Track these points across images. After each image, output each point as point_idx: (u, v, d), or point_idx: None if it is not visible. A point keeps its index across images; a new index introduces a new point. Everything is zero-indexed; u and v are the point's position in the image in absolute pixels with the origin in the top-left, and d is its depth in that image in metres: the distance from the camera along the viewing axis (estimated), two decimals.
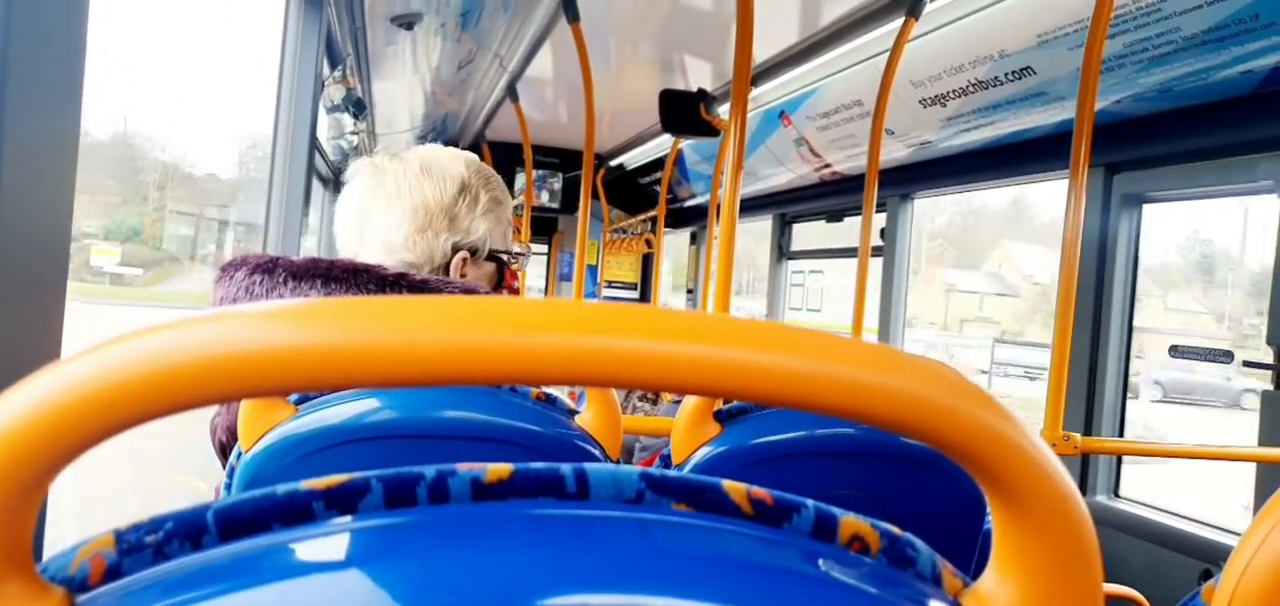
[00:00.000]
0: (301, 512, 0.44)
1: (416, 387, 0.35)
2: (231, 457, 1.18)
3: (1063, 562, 0.41)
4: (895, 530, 0.48)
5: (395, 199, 1.58)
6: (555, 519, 0.45)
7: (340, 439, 1.12)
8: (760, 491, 0.48)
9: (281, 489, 0.44)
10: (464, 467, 0.47)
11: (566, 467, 0.47)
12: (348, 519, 0.44)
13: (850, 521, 0.48)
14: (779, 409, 0.41)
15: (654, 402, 4.03)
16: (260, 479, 1.10)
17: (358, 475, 0.45)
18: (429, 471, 0.46)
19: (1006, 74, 3.30)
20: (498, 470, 0.47)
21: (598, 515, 0.46)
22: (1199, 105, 2.90)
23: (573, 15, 3.48)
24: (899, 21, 3.24)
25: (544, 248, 8.41)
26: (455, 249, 1.61)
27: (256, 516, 0.43)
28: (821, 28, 3.90)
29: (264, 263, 1.40)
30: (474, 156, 1.70)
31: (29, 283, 0.94)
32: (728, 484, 0.48)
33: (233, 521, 0.43)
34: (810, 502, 0.48)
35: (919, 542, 0.48)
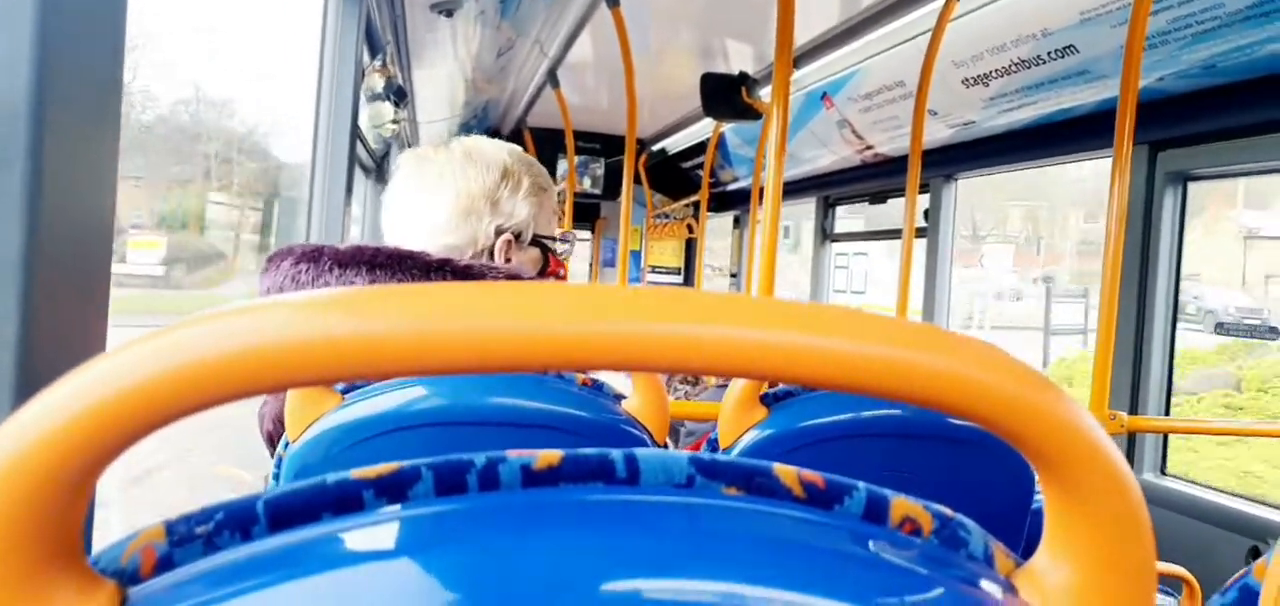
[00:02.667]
0: (351, 502, 0.44)
1: (467, 375, 0.34)
2: (279, 447, 1.18)
3: (1116, 543, 0.40)
4: (947, 511, 0.48)
5: (439, 185, 1.61)
6: (606, 504, 0.45)
7: (387, 427, 1.12)
8: (811, 474, 0.48)
9: (331, 478, 0.44)
10: (514, 454, 0.46)
11: (616, 453, 0.47)
12: (398, 507, 0.44)
13: (901, 503, 0.48)
14: (826, 391, 0.40)
15: (694, 384, 4.03)
16: (308, 468, 1.10)
17: (407, 463, 0.45)
18: (479, 458, 0.46)
19: (1049, 52, 3.27)
20: (547, 456, 0.47)
21: (648, 500, 0.46)
22: (1243, 81, 2.86)
23: (613, 0, 3.48)
24: (941, 1, 3.21)
25: (587, 234, 8.43)
26: (499, 232, 1.63)
27: (306, 506, 0.44)
28: (863, 9, 3.87)
29: (309, 251, 1.41)
30: (517, 147, 1.72)
31: (73, 276, 0.94)
32: (778, 467, 0.48)
33: (283, 511, 0.43)
34: (861, 485, 0.48)
35: (971, 523, 0.48)
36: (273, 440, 1.45)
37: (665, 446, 1.24)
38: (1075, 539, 0.41)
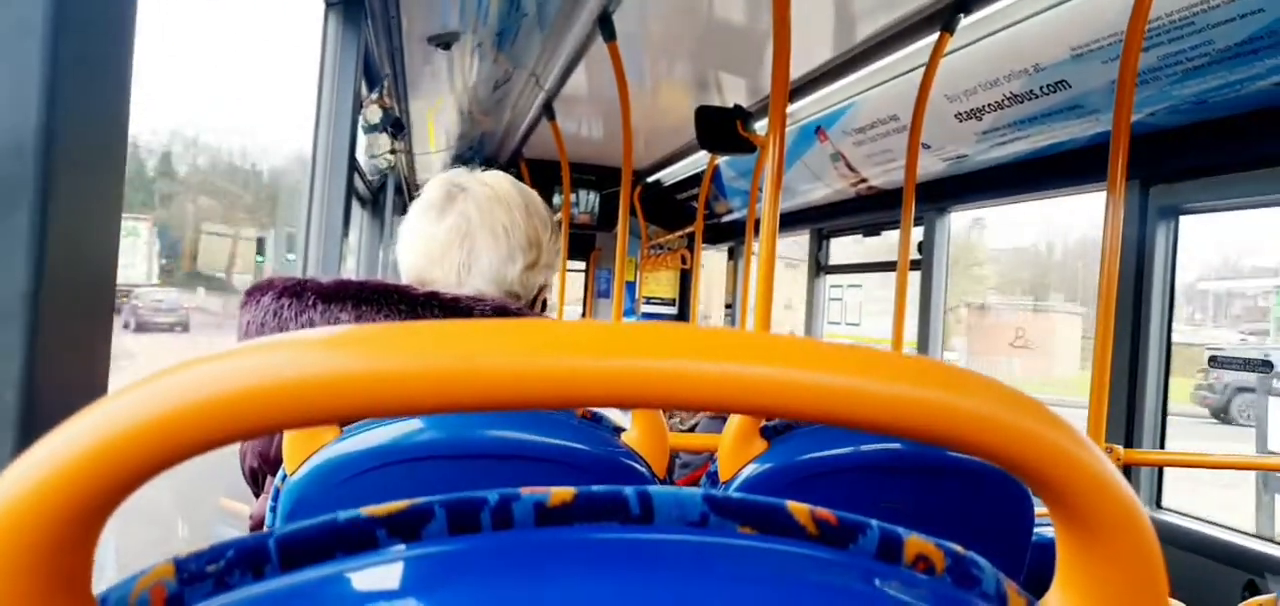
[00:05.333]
0: (364, 540, 0.44)
1: (484, 412, 0.34)
2: (276, 481, 1.16)
3: (1129, 579, 0.40)
4: (959, 549, 0.47)
5: (509, 232, 1.57)
6: (620, 543, 0.45)
7: (386, 460, 1.10)
8: (825, 512, 0.48)
9: (343, 515, 0.44)
10: (527, 491, 0.46)
11: (630, 491, 0.47)
12: (411, 547, 0.44)
13: (915, 541, 0.47)
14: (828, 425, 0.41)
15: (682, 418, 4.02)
16: (306, 502, 1.09)
17: (420, 500, 0.45)
18: (492, 496, 0.45)
19: (1041, 87, 3.29)
20: (561, 494, 0.46)
21: (663, 539, 0.46)
22: (1234, 117, 2.88)
23: (609, 34, 3.50)
24: (934, 36, 3.24)
25: (582, 265, 8.44)
26: (542, 286, 1.64)
27: (318, 544, 0.43)
28: (857, 43, 3.89)
29: (291, 285, 1.38)
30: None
31: (77, 315, 0.94)
32: (792, 505, 0.48)
33: (295, 549, 0.43)
34: (875, 523, 0.48)
35: (983, 561, 0.48)
36: (255, 476, 1.43)
37: (665, 479, 1.24)
38: (1088, 577, 0.41)
